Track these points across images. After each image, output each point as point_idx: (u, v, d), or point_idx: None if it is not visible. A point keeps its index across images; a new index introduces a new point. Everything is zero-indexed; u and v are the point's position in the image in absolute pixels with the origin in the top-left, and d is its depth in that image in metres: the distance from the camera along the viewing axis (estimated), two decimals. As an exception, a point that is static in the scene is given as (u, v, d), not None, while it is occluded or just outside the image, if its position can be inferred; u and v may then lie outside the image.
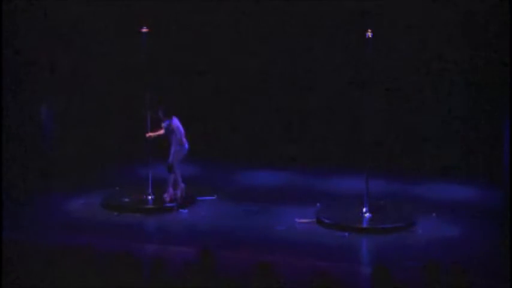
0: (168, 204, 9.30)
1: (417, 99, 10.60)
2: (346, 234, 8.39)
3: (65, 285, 5.91)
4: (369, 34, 8.54)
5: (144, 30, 9.21)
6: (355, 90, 9.95)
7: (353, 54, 10.08)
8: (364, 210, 8.79)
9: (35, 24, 10.23)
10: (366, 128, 8.90)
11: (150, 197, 9.45)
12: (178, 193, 9.38)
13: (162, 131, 9.27)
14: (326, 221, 8.68)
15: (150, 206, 9.32)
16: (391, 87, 10.47)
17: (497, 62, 9.75)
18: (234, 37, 11.16)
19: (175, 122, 9.26)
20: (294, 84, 11.11)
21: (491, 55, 9.97)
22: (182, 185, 9.42)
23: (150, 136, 9.29)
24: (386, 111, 10.40)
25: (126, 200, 9.42)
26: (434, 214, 8.93)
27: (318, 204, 9.22)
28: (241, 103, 11.31)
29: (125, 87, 10.81)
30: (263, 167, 10.96)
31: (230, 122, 11.39)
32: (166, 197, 9.36)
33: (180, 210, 9.25)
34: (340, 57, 10.66)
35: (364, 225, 8.64)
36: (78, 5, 10.64)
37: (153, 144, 9.33)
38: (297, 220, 8.79)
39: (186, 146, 9.31)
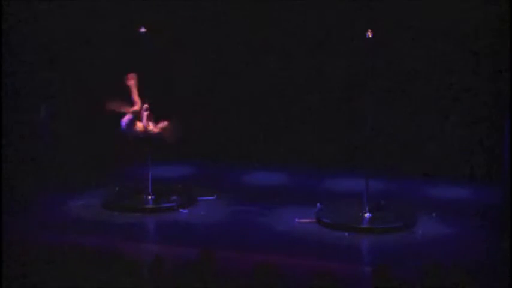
0: (167, 204, 9.31)
1: (417, 98, 10.59)
2: (346, 234, 8.39)
3: (65, 285, 5.91)
4: (369, 34, 8.53)
5: (143, 30, 9.21)
6: (356, 90, 9.97)
7: (354, 53, 10.09)
8: (364, 210, 8.78)
9: (34, 24, 10.25)
10: (365, 128, 8.90)
11: (150, 197, 9.45)
12: None
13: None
14: (326, 221, 8.67)
15: (150, 206, 9.32)
16: (391, 87, 10.48)
17: (498, 62, 9.76)
18: (233, 36, 11.15)
19: None
20: (294, 83, 11.09)
21: (491, 55, 9.98)
22: None
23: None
24: (386, 111, 10.38)
25: (126, 200, 9.41)
26: (434, 214, 8.92)
27: (318, 204, 9.21)
28: (241, 102, 11.30)
29: (124, 87, 10.76)
30: (263, 167, 10.96)
31: (230, 121, 11.38)
32: None
33: (180, 210, 9.24)
34: (341, 56, 10.65)
35: (364, 225, 8.63)
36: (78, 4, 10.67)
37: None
38: (297, 220, 8.79)
39: None
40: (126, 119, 9.27)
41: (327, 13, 10.69)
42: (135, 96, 9.30)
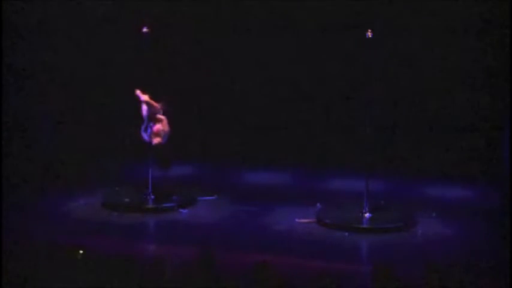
0: (167, 204, 9.31)
1: (416, 97, 10.60)
2: (346, 234, 8.39)
3: (65, 285, 5.91)
4: (369, 34, 8.54)
5: (145, 30, 9.22)
6: (356, 89, 9.99)
7: (352, 53, 10.11)
8: (364, 210, 8.79)
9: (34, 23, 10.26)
10: (365, 128, 8.91)
11: (150, 197, 9.45)
12: None
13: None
14: (326, 221, 8.67)
15: (150, 206, 9.31)
16: (390, 86, 10.48)
17: (498, 61, 9.76)
18: (233, 32, 11.15)
19: None
20: (294, 83, 11.09)
21: (492, 54, 9.98)
22: None
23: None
24: (386, 111, 10.38)
25: (126, 200, 9.40)
26: (434, 214, 8.92)
27: (318, 204, 9.21)
28: (240, 102, 11.30)
29: (123, 87, 10.77)
30: (263, 167, 10.95)
31: (230, 121, 11.38)
32: None
33: (180, 210, 9.24)
34: (340, 55, 10.66)
35: (364, 225, 8.63)
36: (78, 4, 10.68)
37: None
38: (297, 220, 8.79)
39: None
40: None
41: (325, 12, 10.70)
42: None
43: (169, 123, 9.29)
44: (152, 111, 9.17)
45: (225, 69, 11.25)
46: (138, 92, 9.21)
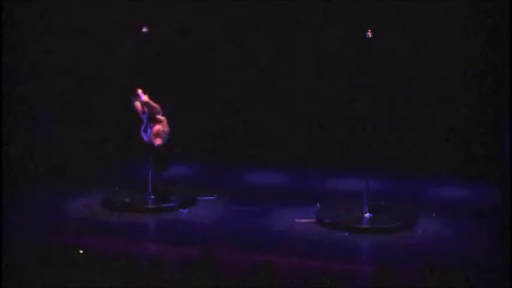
0: (167, 204, 9.31)
1: (416, 97, 10.60)
2: (346, 234, 8.39)
3: (65, 285, 5.91)
4: (369, 34, 8.54)
5: (145, 30, 9.23)
6: (354, 89, 10.00)
7: (352, 52, 10.12)
8: (364, 210, 8.79)
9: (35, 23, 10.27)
10: (365, 128, 8.91)
11: (150, 197, 9.45)
12: None
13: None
14: (326, 221, 8.68)
15: (150, 206, 9.31)
16: (390, 86, 10.49)
17: (497, 61, 9.77)
18: (232, 32, 11.15)
19: None
20: (292, 83, 11.09)
21: (491, 54, 9.98)
22: None
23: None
24: (385, 111, 10.39)
25: (126, 200, 9.40)
26: (434, 214, 8.93)
27: (318, 204, 9.21)
28: (240, 102, 11.30)
29: (124, 87, 10.79)
30: (263, 167, 10.95)
31: (230, 121, 11.38)
32: None
33: (180, 210, 9.24)
34: (338, 54, 10.66)
35: (364, 225, 8.64)
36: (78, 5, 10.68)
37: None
38: (297, 220, 8.79)
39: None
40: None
41: (323, 13, 10.70)
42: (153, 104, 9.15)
43: (169, 123, 9.28)
44: (152, 112, 9.16)
45: (224, 67, 11.24)
46: (139, 91, 9.20)
